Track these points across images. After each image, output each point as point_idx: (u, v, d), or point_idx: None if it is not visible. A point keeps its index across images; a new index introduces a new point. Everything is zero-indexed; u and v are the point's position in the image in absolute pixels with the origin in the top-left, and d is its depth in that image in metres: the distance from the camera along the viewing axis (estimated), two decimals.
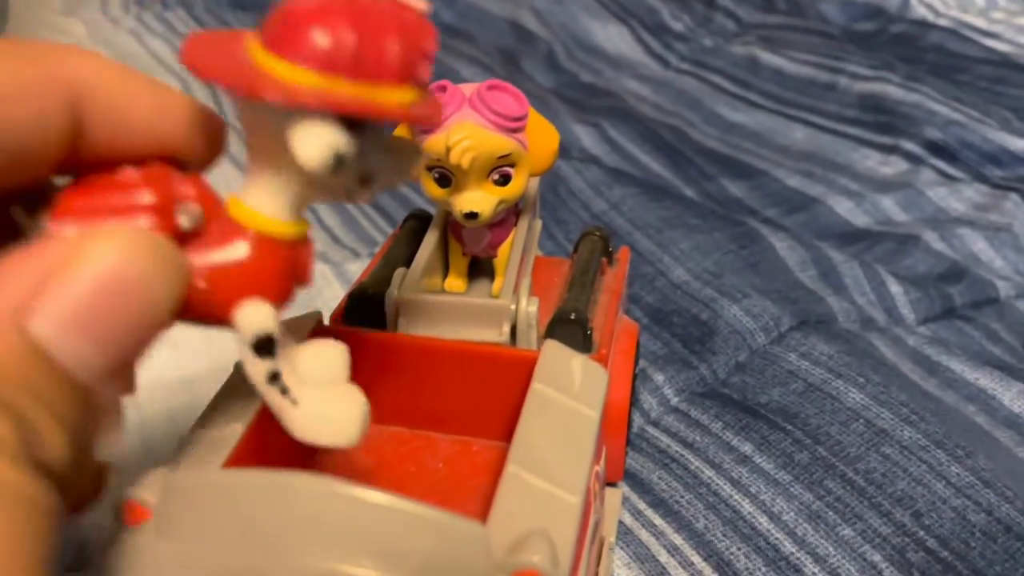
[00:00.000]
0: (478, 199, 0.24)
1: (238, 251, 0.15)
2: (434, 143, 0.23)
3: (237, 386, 0.21)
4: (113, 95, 0.16)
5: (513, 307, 0.24)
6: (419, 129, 0.24)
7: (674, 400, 0.35)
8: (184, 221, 0.15)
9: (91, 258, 0.14)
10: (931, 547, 0.28)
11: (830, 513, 0.29)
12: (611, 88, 0.63)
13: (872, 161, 0.53)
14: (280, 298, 0.16)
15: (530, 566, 0.15)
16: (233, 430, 0.19)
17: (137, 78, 0.16)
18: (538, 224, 0.32)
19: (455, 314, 0.24)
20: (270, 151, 0.15)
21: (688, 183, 0.51)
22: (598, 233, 0.30)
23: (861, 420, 0.32)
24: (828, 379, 0.33)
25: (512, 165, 0.24)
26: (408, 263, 0.26)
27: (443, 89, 0.23)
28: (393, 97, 0.15)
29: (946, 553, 0.27)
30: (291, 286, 0.16)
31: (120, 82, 0.16)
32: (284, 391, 0.16)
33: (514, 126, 0.23)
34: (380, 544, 0.15)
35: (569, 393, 0.21)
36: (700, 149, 0.54)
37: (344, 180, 0.16)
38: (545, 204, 0.45)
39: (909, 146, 0.53)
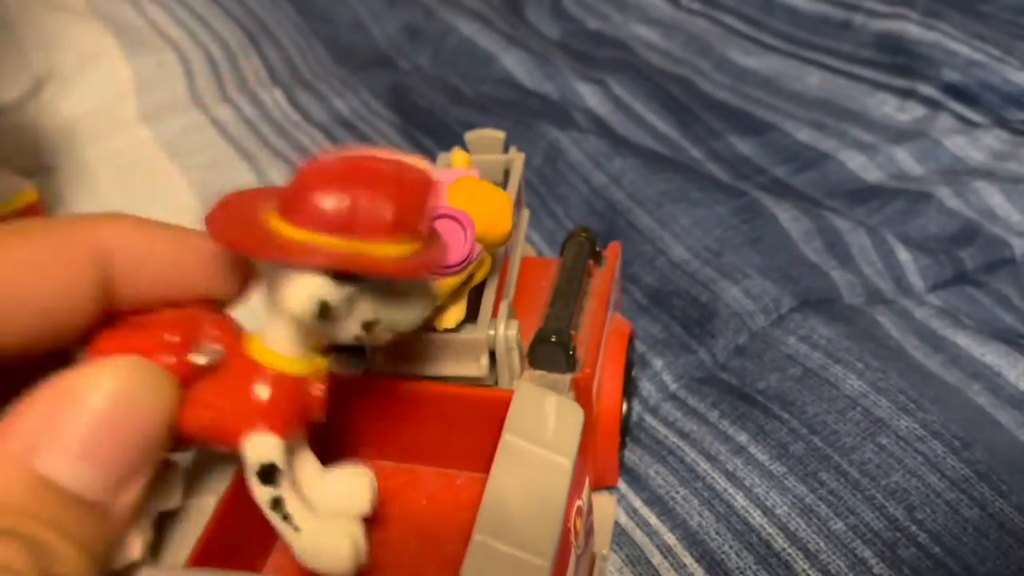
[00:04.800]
0: (451, 316, 0.23)
1: (247, 387, 0.17)
2: None
3: (210, 454, 0.21)
4: (138, 253, 0.18)
5: (491, 333, 0.24)
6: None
7: (673, 387, 0.35)
8: (200, 359, 0.17)
9: (86, 393, 0.15)
10: (922, 542, 0.28)
11: (823, 507, 0.29)
12: (619, 35, 0.61)
13: (889, 107, 0.51)
14: (288, 431, 0.17)
15: None
16: (206, 503, 0.19)
17: (161, 233, 0.18)
18: (525, 215, 0.32)
19: (432, 349, 0.24)
20: (277, 300, 0.17)
21: (695, 142, 0.49)
22: (584, 234, 0.30)
23: (858, 408, 0.31)
24: (826, 364, 0.33)
25: (473, 274, 0.24)
26: None
27: None
28: (383, 251, 0.16)
29: (937, 549, 0.27)
30: (299, 420, 0.18)
31: (145, 240, 0.18)
32: (286, 517, 0.17)
33: (464, 266, 0.22)
34: None
35: (541, 442, 0.21)
36: (709, 103, 0.53)
37: (347, 326, 0.17)
38: (543, 179, 0.44)
39: (927, 90, 0.50)
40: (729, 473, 0.31)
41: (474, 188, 0.23)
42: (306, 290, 0.16)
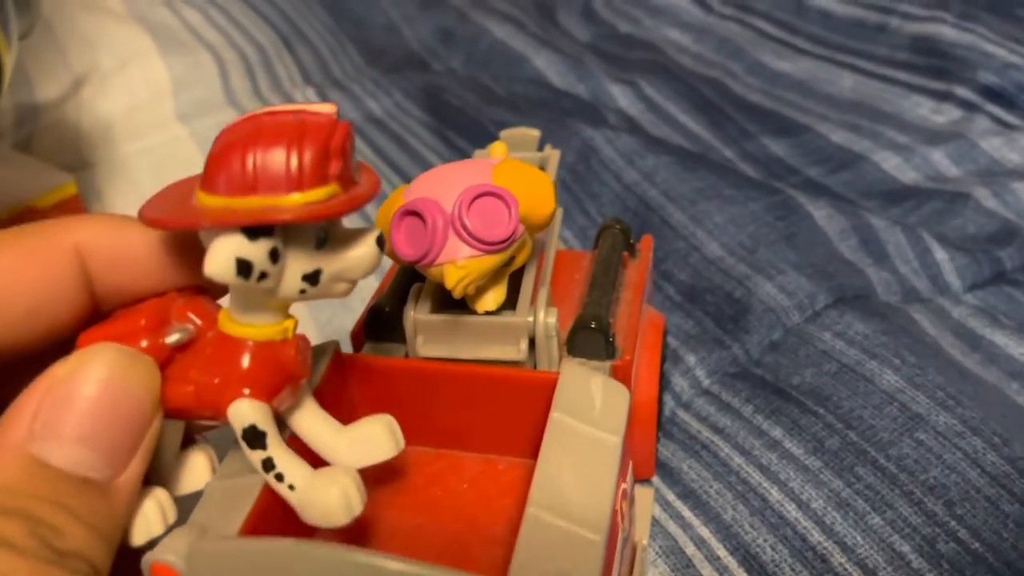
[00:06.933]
0: (491, 298, 0.23)
1: (221, 359, 0.18)
2: (432, 275, 0.22)
3: None
4: (114, 249, 0.18)
5: (530, 320, 0.24)
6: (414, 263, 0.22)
7: (706, 382, 0.34)
8: (170, 338, 0.18)
9: (71, 379, 0.16)
10: (962, 538, 0.27)
11: (860, 501, 0.29)
12: (650, 39, 0.61)
13: (924, 109, 0.51)
14: (266, 394, 0.18)
15: None
16: (254, 480, 0.19)
17: (134, 229, 0.19)
18: (559, 213, 0.32)
19: (472, 332, 0.24)
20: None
21: (727, 143, 0.49)
22: (618, 226, 0.30)
23: (895, 404, 0.31)
24: (862, 360, 0.33)
25: (514, 256, 0.24)
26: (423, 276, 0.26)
27: (422, 219, 0.22)
28: (292, 202, 0.16)
29: (977, 544, 0.27)
30: (278, 381, 0.18)
31: (118, 236, 0.19)
32: (279, 476, 0.18)
33: (508, 244, 0.22)
34: None
35: (589, 420, 0.21)
36: (741, 104, 0.52)
37: (287, 281, 0.17)
38: (576, 176, 0.44)
39: (963, 92, 0.50)
40: (763, 467, 0.30)
41: (518, 169, 0.23)
42: (221, 251, 0.16)
